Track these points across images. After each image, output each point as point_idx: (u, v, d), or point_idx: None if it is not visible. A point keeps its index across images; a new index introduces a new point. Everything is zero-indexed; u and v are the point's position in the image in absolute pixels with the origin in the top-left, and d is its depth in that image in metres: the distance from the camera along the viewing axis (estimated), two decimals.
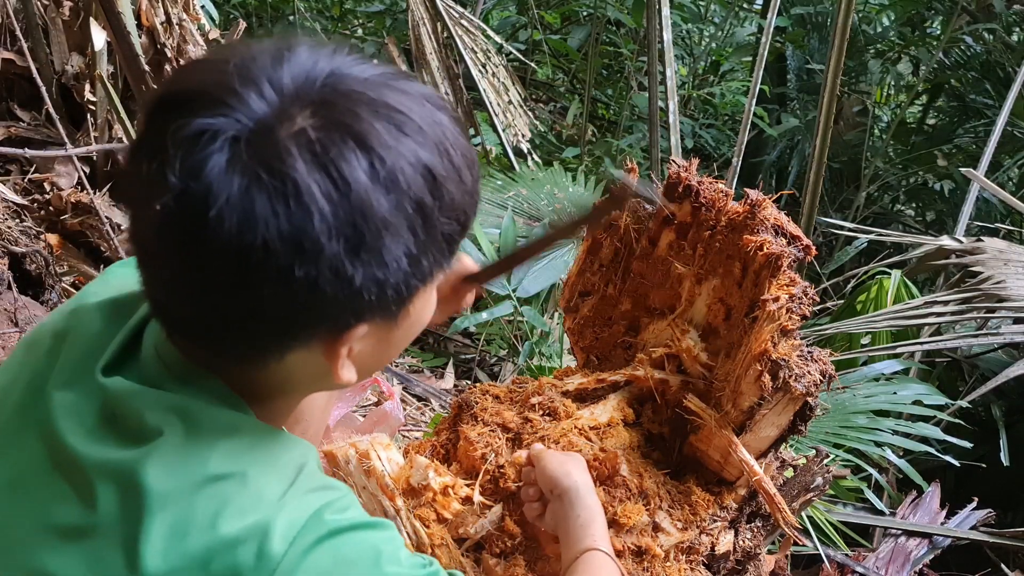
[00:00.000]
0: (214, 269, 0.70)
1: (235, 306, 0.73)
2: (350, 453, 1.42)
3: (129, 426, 0.78)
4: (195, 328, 0.77)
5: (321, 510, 0.77)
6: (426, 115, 0.76)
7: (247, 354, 0.78)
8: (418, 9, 3.71)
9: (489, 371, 3.44)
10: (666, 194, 1.54)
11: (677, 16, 5.27)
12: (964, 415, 3.02)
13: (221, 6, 4.60)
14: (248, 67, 0.73)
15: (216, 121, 0.70)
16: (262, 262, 0.69)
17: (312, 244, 0.69)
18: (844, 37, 3.34)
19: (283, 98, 0.72)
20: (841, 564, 2.42)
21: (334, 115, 0.71)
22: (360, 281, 0.72)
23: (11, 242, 2.57)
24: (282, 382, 0.84)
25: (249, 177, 0.69)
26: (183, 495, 0.75)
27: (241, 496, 0.75)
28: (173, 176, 0.69)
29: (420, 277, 0.77)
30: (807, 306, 1.36)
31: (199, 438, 0.77)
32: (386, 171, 0.71)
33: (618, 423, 1.52)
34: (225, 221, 0.68)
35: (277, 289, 0.71)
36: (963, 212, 3.90)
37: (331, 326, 0.76)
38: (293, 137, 0.70)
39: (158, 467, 0.75)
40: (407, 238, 0.74)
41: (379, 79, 0.76)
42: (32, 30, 3.05)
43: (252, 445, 0.79)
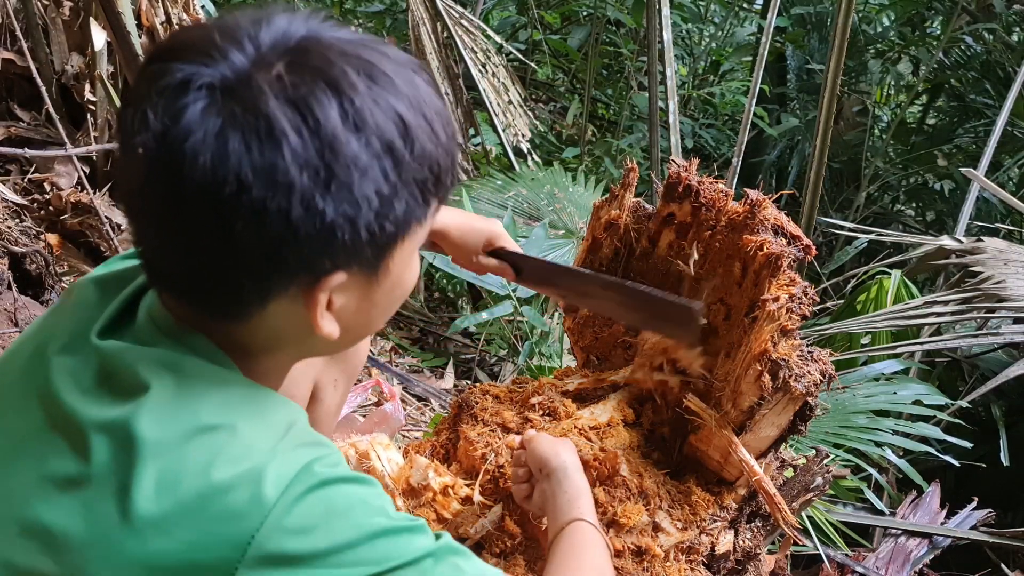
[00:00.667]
0: (193, 208, 0.73)
1: (214, 248, 0.75)
2: (350, 453, 1.42)
3: (123, 383, 0.81)
4: (180, 280, 0.80)
5: (312, 463, 0.79)
6: (401, 72, 0.79)
7: (231, 305, 0.80)
8: (418, 9, 3.71)
9: (489, 371, 3.44)
10: (666, 194, 1.54)
11: (677, 16, 5.27)
12: (964, 415, 3.01)
13: (221, 6, 4.60)
14: (230, 27, 0.78)
15: (198, 69, 0.74)
16: (235, 195, 0.72)
17: (283, 176, 0.72)
18: (844, 37, 3.34)
19: (260, 51, 0.76)
20: (841, 564, 2.42)
21: (307, 61, 0.76)
22: (332, 216, 0.75)
23: (11, 242, 2.57)
24: (267, 339, 0.85)
25: (224, 117, 0.73)
26: (175, 444, 0.77)
27: (232, 446, 0.77)
28: (154, 118, 0.73)
29: (394, 221, 0.79)
30: (807, 306, 1.36)
31: (189, 390, 0.80)
32: (355, 112, 0.75)
33: (618, 423, 1.52)
34: (200, 156, 0.72)
35: (251, 224, 0.73)
36: (963, 212, 3.90)
37: (308, 269, 0.78)
38: (268, 80, 0.74)
39: (149, 418, 0.77)
40: (377, 177, 0.76)
41: (356, 40, 0.80)
42: (32, 30, 3.05)
43: (242, 399, 0.82)
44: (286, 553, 0.76)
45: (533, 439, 1.29)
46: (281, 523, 0.76)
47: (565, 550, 1.12)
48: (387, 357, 3.25)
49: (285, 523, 0.76)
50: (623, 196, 1.61)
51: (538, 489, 1.25)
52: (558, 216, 3.22)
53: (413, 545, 0.81)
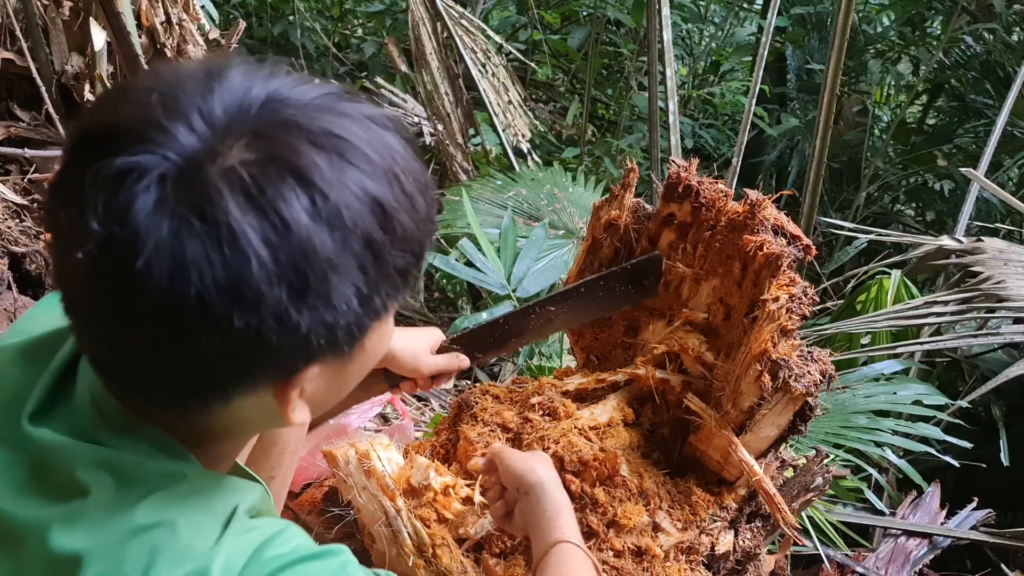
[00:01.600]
0: (146, 322, 0.65)
1: (172, 359, 0.67)
2: (350, 454, 1.42)
3: (58, 481, 0.74)
4: (131, 380, 0.72)
5: (260, 548, 0.72)
6: (373, 139, 0.70)
7: (189, 403, 0.73)
8: (418, 9, 3.71)
9: (489, 371, 3.44)
10: (666, 194, 1.54)
11: (677, 16, 5.27)
12: (964, 415, 3.01)
13: (221, 6, 4.60)
14: (175, 97, 0.67)
15: (141, 159, 0.64)
16: (197, 314, 0.64)
17: (252, 293, 0.64)
18: (844, 37, 3.34)
19: (214, 130, 0.66)
20: (841, 564, 2.42)
21: (270, 148, 0.66)
22: (308, 327, 0.67)
23: (11, 242, 2.57)
24: (229, 427, 0.79)
25: (179, 221, 0.63)
26: (111, 549, 0.70)
27: (172, 545, 0.70)
28: (95, 222, 0.63)
29: (373, 315, 0.72)
30: (807, 306, 1.36)
31: (129, 492, 0.73)
32: (329, 208, 0.66)
33: (618, 423, 1.52)
34: (155, 270, 0.63)
35: (215, 341, 0.66)
36: (963, 212, 3.90)
37: (279, 371, 0.71)
38: (225, 175, 0.64)
39: (85, 524, 0.71)
40: (356, 277, 0.68)
41: (320, 102, 0.70)
42: (32, 30, 3.05)
43: (189, 493, 0.74)
44: None
45: (503, 455, 1.22)
46: None
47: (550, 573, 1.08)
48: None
49: None
50: (623, 196, 1.61)
51: (517, 509, 1.19)
52: (558, 216, 3.22)
53: None
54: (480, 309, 3.02)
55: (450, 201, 3.25)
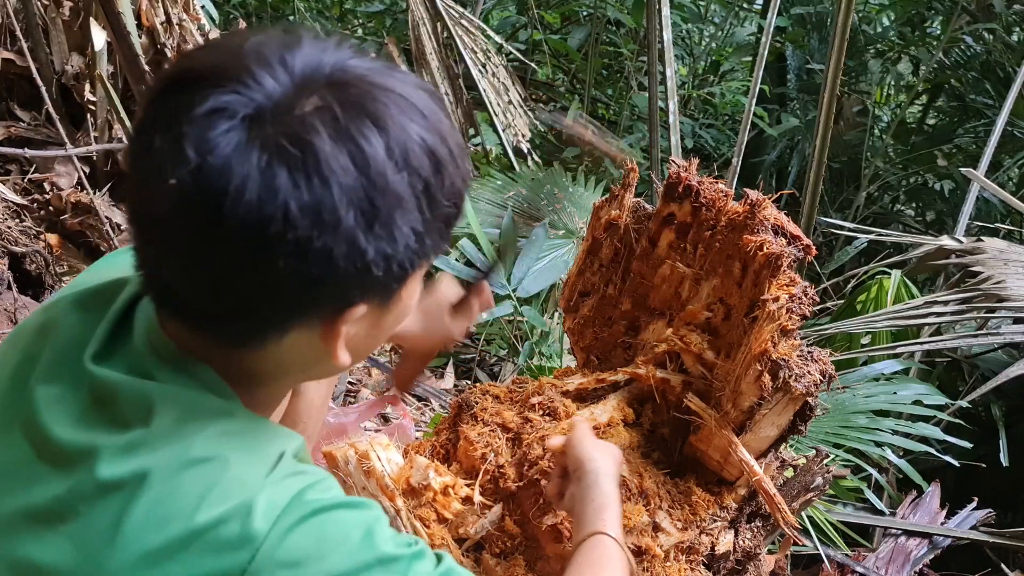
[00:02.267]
0: (231, 242, 0.71)
1: (248, 282, 0.73)
2: (349, 454, 1.42)
3: (118, 413, 0.79)
4: (202, 309, 0.77)
5: (303, 491, 0.77)
6: (427, 105, 0.78)
7: (248, 335, 0.79)
8: (418, 9, 3.71)
9: (489, 371, 3.44)
10: (666, 194, 1.54)
11: (677, 16, 5.27)
12: (964, 415, 3.01)
13: (221, 6, 4.60)
14: (261, 50, 0.74)
15: (231, 98, 0.71)
16: (281, 234, 0.70)
17: (331, 215, 0.71)
18: (844, 37, 3.34)
19: (295, 80, 0.73)
20: (841, 564, 2.42)
21: (350, 95, 0.74)
22: (372, 255, 0.74)
23: (11, 242, 2.57)
24: (276, 367, 0.84)
25: (270, 151, 0.70)
26: (166, 477, 0.75)
27: (223, 478, 0.76)
28: (191, 150, 0.70)
29: (422, 255, 0.79)
30: (807, 306, 1.36)
31: (185, 424, 0.78)
32: (400, 149, 0.74)
33: (618, 423, 1.52)
34: (246, 193, 0.69)
35: (293, 262, 0.72)
36: (963, 212, 3.89)
37: (337, 303, 0.77)
38: (315, 113, 0.72)
39: (144, 450, 0.76)
40: (415, 216, 0.76)
41: (382, 70, 0.78)
42: (32, 30, 3.05)
43: (237, 432, 0.80)
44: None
45: (577, 435, 1.23)
46: (273, 556, 0.74)
47: (583, 564, 1.09)
48: (387, 357, 3.25)
49: (277, 555, 0.74)
50: (623, 196, 1.61)
51: (568, 491, 1.19)
52: (558, 216, 3.22)
53: (411, 573, 0.79)
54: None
55: None
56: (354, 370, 3.08)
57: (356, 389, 2.99)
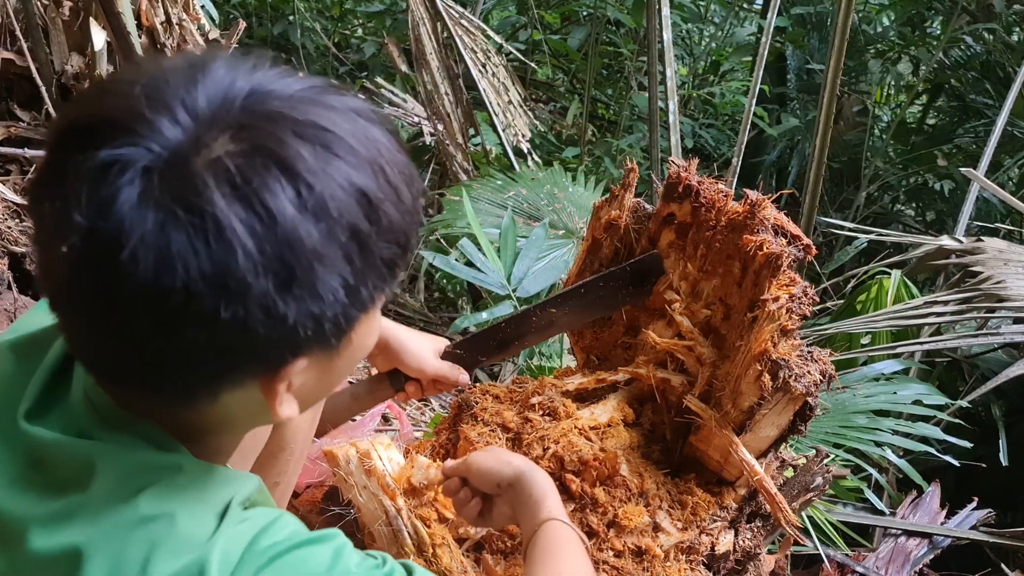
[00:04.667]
0: (131, 315, 0.65)
1: (158, 351, 0.67)
2: (351, 453, 1.42)
3: (54, 477, 0.74)
4: (119, 373, 0.72)
5: (256, 538, 0.73)
6: (358, 131, 0.70)
7: (178, 398, 0.73)
8: (418, 9, 3.71)
9: (489, 371, 3.44)
10: (666, 194, 1.54)
11: (677, 16, 5.27)
12: (964, 415, 3.01)
13: (221, 6, 4.60)
14: (159, 89, 0.67)
15: (124, 152, 0.64)
16: (183, 305, 0.64)
17: (238, 284, 0.64)
18: (844, 37, 3.34)
19: (199, 122, 0.66)
20: (841, 564, 2.42)
21: (255, 139, 0.66)
22: (294, 318, 0.67)
23: (11, 242, 2.57)
24: (219, 421, 0.79)
25: (164, 213, 0.63)
26: (114, 540, 0.71)
27: (171, 537, 0.71)
28: (79, 215, 0.63)
29: (360, 306, 0.72)
30: (807, 306, 1.36)
31: (128, 485, 0.73)
32: (314, 199, 0.66)
33: (618, 423, 1.52)
34: (140, 263, 0.63)
35: (202, 332, 0.66)
36: (963, 212, 3.89)
37: (266, 365, 0.72)
38: (210, 166, 0.64)
39: (83, 518, 0.72)
40: (343, 268, 0.68)
41: (305, 94, 0.70)
42: (32, 30, 3.05)
43: (184, 485, 0.75)
44: None
45: (470, 462, 1.23)
46: None
47: (541, 552, 1.09)
48: None
49: None
50: (623, 196, 1.61)
51: (503, 503, 1.20)
52: (558, 216, 3.22)
53: None
54: (480, 309, 3.02)
55: (450, 201, 3.25)
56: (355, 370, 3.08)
57: None
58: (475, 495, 1.23)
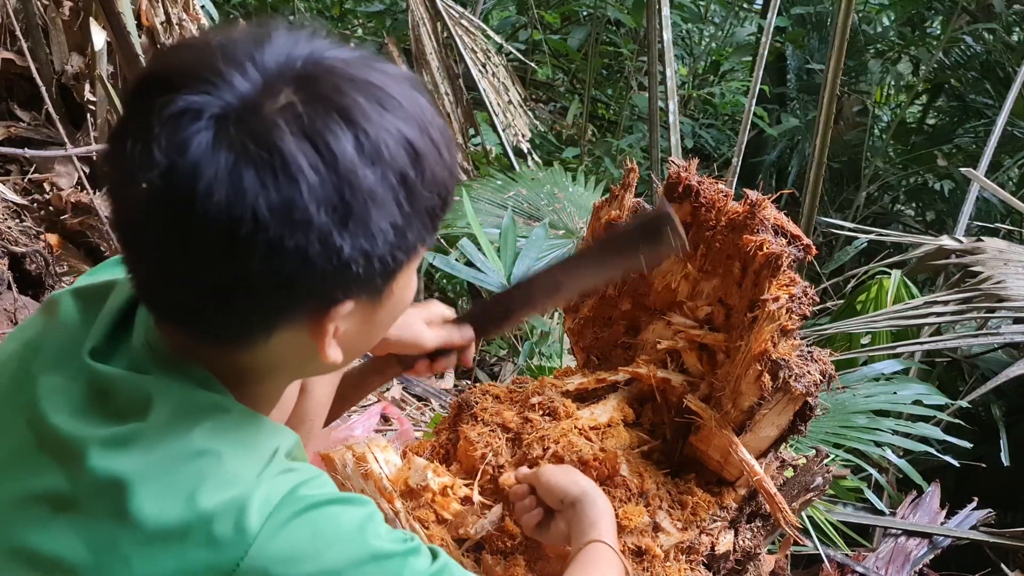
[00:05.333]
0: (203, 244, 0.71)
1: (225, 281, 0.73)
2: (347, 456, 1.42)
3: (117, 406, 0.80)
4: (184, 309, 0.77)
5: (297, 487, 0.78)
6: (406, 93, 0.77)
7: (235, 334, 0.79)
8: (418, 9, 3.71)
9: (489, 371, 3.44)
10: (666, 194, 1.54)
11: (677, 16, 5.27)
12: (964, 415, 3.01)
13: (221, 6, 4.60)
14: (231, 48, 0.74)
15: (200, 99, 0.71)
16: (252, 234, 0.70)
17: (301, 214, 0.70)
18: (844, 37, 3.34)
19: (266, 77, 0.73)
20: (841, 564, 2.42)
21: (318, 90, 0.73)
22: (348, 252, 0.73)
23: (11, 242, 2.57)
24: (268, 365, 0.84)
25: (237, 152, 0.70)
26: (164, 468, 0.76)
27: (217, 472, 0.76)
28: (159, 152, 0.70)
29: (405, 250, 0.78)
30: (807, 306, 1.36)
31: (181, 418, 0.78)
32: (371, 144, 0.73)
33: (618, 423, 1.52)
34: (214, 194, 0.69)
35: (267, 261, 0.71)
36: (963, 212, 3.90)
37: (319, 301, 0.77)
38: (280, 111, 0.71)
39: (142, 442, 0.77)
40: (392, 210, 0.75)
41: (359, 60, 0.77)
42: (32, 30, 3.05)
43: (232, 427, 0.80)
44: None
45: (542, 473, 1.26)
46: (266, 551, 0.74)
47: (577, 567, 1.12)
48: None
49: (270, 551, 0.75)
50: (623, 196, 1.61)
51: (562, 519, 1.22)
52: (558, 216, 3.22)
53: (407, 570, 0.80)
54: None
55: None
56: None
57: None
58: (539, 505, 1.25)
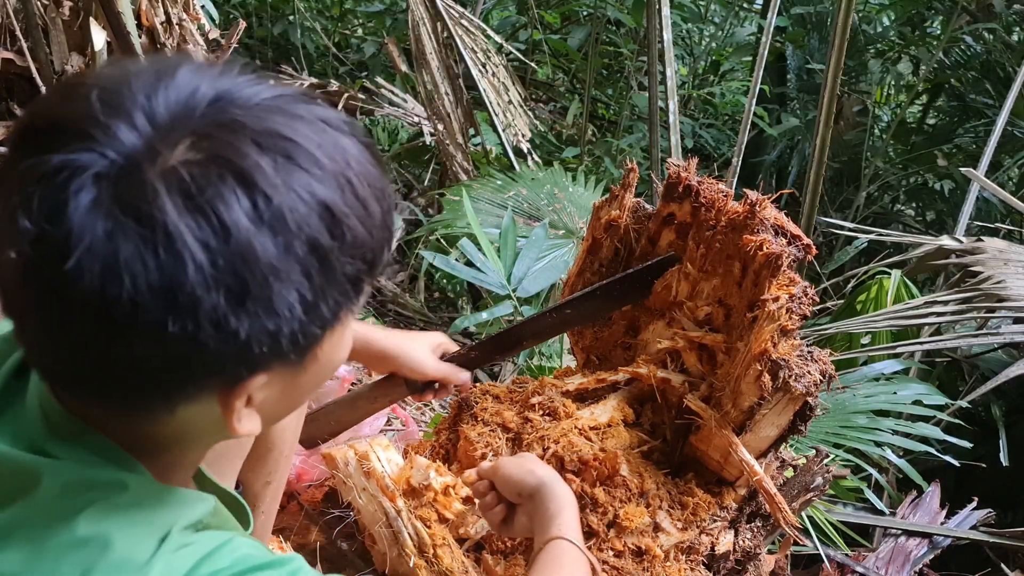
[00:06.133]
0: (81, 323, 0.63)
1: (110, 362, 0.65)
2: (349, 455, 1.42)
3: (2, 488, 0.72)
4: (74, 382, 0.69)
5: (197, 565, 0.70)
6: (325, 142, 0.68)
7: (134, 409, 0.71)
8: (418, 9, 3.71)
9: (489, 371, 3.44)
10: (666, 194, 1.54)
11: (677, 16, 5.27)
12: (964, 415, 3.01)
13: (221, 6, 4.60)
14: (120, 94, 0.65)
15: (78, 156, 0.62)
16: (130, 316, 0.62)
17: (187, 297, 0.62)
18: (844, 37, 3.34)
19: (157, 129, 0.64)
20: (841, 564, 2.42)
21: (213, 149, 0.64)
22: (247, 333, 0.65)
23: None
24: (178, 435, 0.76)
25: (114, 221, 0.61)
26: (47, 563, 0.68)
27: (104, 562, 0.68)
28: (27, 220, 0.62)
29: (320, 324, 0.69)
30: (807, 306, 1.36)
31: (69, 500, 0.70)
32: (272, 211, 0.63)
33: (618, 423, 1.52)
34: (86, 272, 0.61)
35: (150, 345, 0.63)
36: (963, 212, 3.89)
37: (222, 379, 0.69)
38: (163, 175, 0.62)
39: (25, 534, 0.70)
40: (300, 283, 0.66)
41: (271, 103, 0.68)
42: (32, 30, 3.05)
43: (128, 505, 0.72)
44: None
45: (498, 466, 1.23)
46: None
47: (537, 569, 1.09)
48: None
49: None
50: (623, 196, 1.61)
51: (521, 512, 1.20)
52: (558, 216, 3.22)
53: None
54: (480, 309, 3.02)
55: (450, 201, 3.25)
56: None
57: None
58: (500, 501, 1.22)
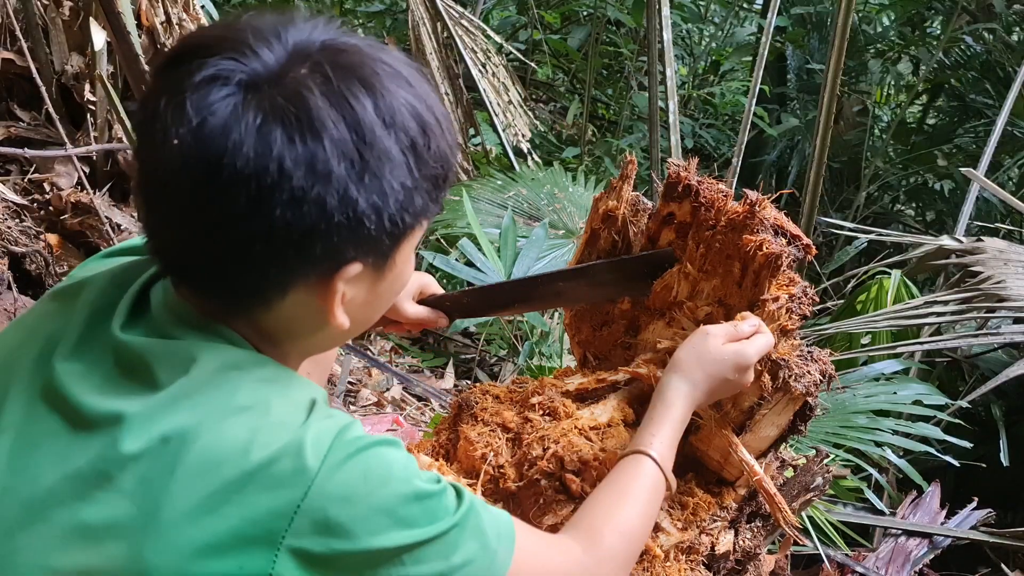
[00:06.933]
0: (230, 195, 0.77)
1: (245, 235, 0.78)
2: None
3: (149, 375, 0.83)
4: (201, 270, 0.83)
5: (342, 431, 0.83)
6: (414, 76, 0.86)
7: (252, 294, 0.84)
8: (418, 9, 3.71)
9: (489, 371, 3.44)
10: (666, 193, 1.54)
11: (677, 16, 5.27)
12: (964, 415, 3.01)
13: (221, 6, 4.60)
14: (258, 26, 0.82)
15: (230, 65, 0.78)
16: (277, 183, 0.76)
17: (323, 166, 0.77)
18: (844, 37, 3.34)
19: (289, 51, 0.81)
20: (841, 564, 2.42)
21: (341, 61, 0.81)
22: (363, 206, 0.80)
23: (11, 242, 2.57)
24: (284, 328, 0.89)
25: (264, 111, 0.77)
26: (213, 425, 0.80)
27: (267, 423, 0.81)
28: (191, 111, 0.76)
29: (413, 213, 0.85)
30: (807, 306, 1.36)
31: (226, 374, 0.83)
32: (387, 108, 0.81)
33: (618, 423, 1.52)
34: (243, 148, 0.76)
35: (288, 211, 0.77)
36: (963, 212, 3.89)
37: (332, 258, 0.83)
38: (308, 75, 0.79)
39: (187, 403, 0.80)
40: (403, 171, 0.82)
41: (373, 44, 0.86)
42: (32, 30, 3.05)
43: (272, 379, 0.85)
44: (331, 520, 0.79)
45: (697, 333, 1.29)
46: (324, 491, 0.79)
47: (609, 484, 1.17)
48: (387, 357, 3.26)
49: (328, 491, 0.80)
50: (621, 188, 1.61)
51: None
52: (558, 216, 3.22)
53: (441, 509, 0.86)
54: None
55: (450, 201, 3.25)
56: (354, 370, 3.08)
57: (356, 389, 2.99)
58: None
